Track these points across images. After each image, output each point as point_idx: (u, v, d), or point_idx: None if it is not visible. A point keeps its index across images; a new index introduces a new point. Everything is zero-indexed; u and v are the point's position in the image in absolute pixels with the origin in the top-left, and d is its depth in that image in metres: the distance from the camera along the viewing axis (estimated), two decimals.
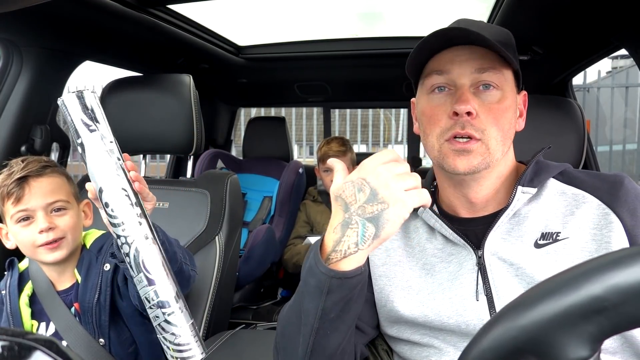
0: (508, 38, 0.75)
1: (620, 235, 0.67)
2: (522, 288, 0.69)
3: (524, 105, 0.79)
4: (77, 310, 1.05)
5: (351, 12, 1.76)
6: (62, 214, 1.01)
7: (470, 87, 0.70)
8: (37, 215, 0.98)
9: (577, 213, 0.71)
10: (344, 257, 0.60)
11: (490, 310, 0.70)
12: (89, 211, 1.11)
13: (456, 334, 0.73)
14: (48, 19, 1.24)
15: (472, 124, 0.69)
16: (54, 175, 1.02)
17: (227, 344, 1.17)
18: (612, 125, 5.63)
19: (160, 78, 1.42)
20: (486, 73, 0.70)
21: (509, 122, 0.72)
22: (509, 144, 0.74)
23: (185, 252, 1.09)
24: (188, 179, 1.50)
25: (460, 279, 0.73)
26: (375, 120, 7.36)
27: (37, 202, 0.98)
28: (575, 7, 1.17)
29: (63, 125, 1.64)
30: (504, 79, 0.71)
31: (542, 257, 0.69)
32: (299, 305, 0.65)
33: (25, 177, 0.98)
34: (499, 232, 0.73)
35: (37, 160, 1.03)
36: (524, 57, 1.57)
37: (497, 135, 0.70)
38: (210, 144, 2.70)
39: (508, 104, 0.71)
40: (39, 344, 0.33)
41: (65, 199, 1.02)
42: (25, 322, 1.05)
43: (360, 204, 0.60)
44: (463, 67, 0.71)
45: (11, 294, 1.06)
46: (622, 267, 0.32)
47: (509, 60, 0.69)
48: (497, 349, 0.36)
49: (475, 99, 0.70)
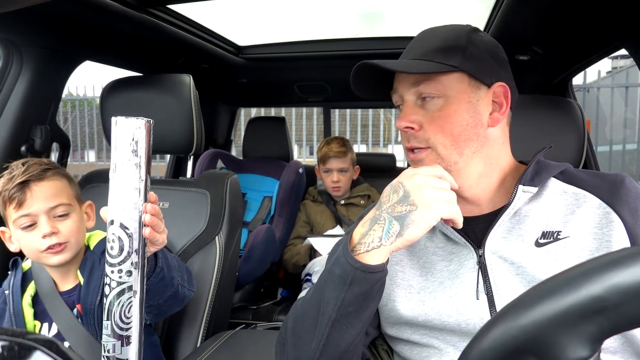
0: (458, 39, 0.73)
1: (621, 234, 0.67)
2: (522, 287, 0.69)
3: (504, 97, 0.75)
4: (79, 311, 1.04)
5: (351, 12, 1.76)
6: (64, 218, 1.01)
7: (417, 100, 0.74)
8: (39, 219, 0.98)
9: (577, 212, 0.71)
10: (367, 250, 0.65)
11: (491, 309, 0.71)
12: (91, 213, 1.11)
13: (456, 333, 0.73)
14: (48, 19, 1.24)
15: (416, 136, 0.74)
16: (55, 179, 1.02)
17: (227, 344, 1.17)
18: (612, 125, 5.63)
19: (160, 78, 1.42)
20: (422, 85, 0.73)
21: (459, 125, 0.72)
22: (473, 145, 0.73)
23: (184, 270, 1.08)
24: (188, 179, 1.51)
25: (460, 277, 0.74)
26: (375, 120, 7.37)
27: (39, 206, 0.97)
28: (576, 7, 1.17)
29: (63, 125, 1.64)
30: (442, 86, 0.72)
31: (543, 256, 0.70)
32: (319, 296, 0.68)
33: (27, 181, 0.97)
34: (500, 230, 0.73)
35: (38, 162, 1.02)
36: (524, 57, 1.57)
37: (444, 141, 0.72)
38: (210, 144, 2.70)
39: (453, 108, 0.72)
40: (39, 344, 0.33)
41: (68, 202, 1.02)
42: (27, 323, 1.04)
43: (392, 203, 0.66)
44: (403, 84, 0.75)
45: (14, 294, 1.06)
46: (622, 267, 0.32)
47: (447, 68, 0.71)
48: (498, 348, 0.36)
49: (421, 110, 0.74)
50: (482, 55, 0.73)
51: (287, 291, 2.35)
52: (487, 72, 0.74)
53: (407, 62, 0.74)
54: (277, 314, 1.96)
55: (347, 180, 2.23)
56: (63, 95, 1.58)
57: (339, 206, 2.25)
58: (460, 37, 0.74)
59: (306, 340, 0.68)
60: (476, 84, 0.73)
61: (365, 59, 0.72)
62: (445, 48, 0.72)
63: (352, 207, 2.24)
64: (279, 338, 0.75)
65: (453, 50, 0.72)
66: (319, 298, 0.68)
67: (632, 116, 5.68)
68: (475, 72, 0.72)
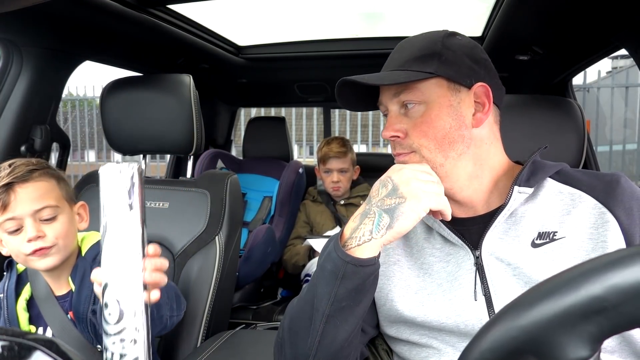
0: (430, 46, 0.74)
1: (617, 234, 0.68)
2: (519, 288, 0.70)
3: (485, 96, 0.75)
4: (72, 318, 1.02)
5: (351, 12, 1.76)
6: (51, 221, 0.96)
7: (400, 109, 0.76)
8: (25, 222, 0.94)
9: (573, 212, 0.71)
10: (358, 244, 0.65)
11: (489, 310, 0.71)
12: (84, 213, 1.06)
13: (455, 334, 0.73)
14: (48, 19, 1.24)
15: (401, 144, 0.76)
16: (42, 179, 0.97)
17: (227, 344, 1.17)
18: (612, 125, 5.63)
19: (160, 78, 1.42)
20: (402, 94, 0.75)
21: (442, 129, 0.73)
22: (458, 147, 0.73)
23: (173, 298, 1.02)
24: (188, 179, 1.50)
25: (459, 279, 0.74)
26: (375, 120, 7.36)
27: (24, 209, 0.93)
28: (576, 7, 1.17)
29: (63, 125, 1.64)
30: (421, 93, 0.73)
31: (539, 256, 0.70)
32: (313, 293, 0.68)
33: (11, 183, 0.93)
34: (496, 232, 0.74)
35: (24, 163, 0.97)
36: (524, 57, 1.57)
37: (428, 144, 0.73)
38: (210, 144, 2.70)
39: (435, 113, 0.73)
40: (39, 344, 0.33)
41: (55, 204, 0.97)
42: (22, 328, 1.02)
43: (381, 197, 0.67)
44: (386, 94, 0.77)
45: (9, 297, 1.03)
46: (621, 267, 0.32)
47: (424, 75, 0.72)
48: (497, 349, 0.36)
49: (405, 118, 0.75)
50: (459, 58, 0.74)
51: (287, 291, 2.35)
52: (465, 74, 0.74)
53: (384, 75, 0.76)
54: (277, 314, 1.96)
55: (347, 181, 2.23)
56: (63, 95, 1.58)
57: (339, 206, 2.26)
58: (435, 43, 0.75)
59: (302, 337, 0.69)
60: (455, 86, 0.74)
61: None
62: (420, 56, 0.74)
63: (352, 207, 2.24)
64: (277, 339, 0.75)
65: (428, 57, 0.73)
66: (313, 295, 0.68)
67: (632, 116, 5.68)
68: (452, 75, 0.73)
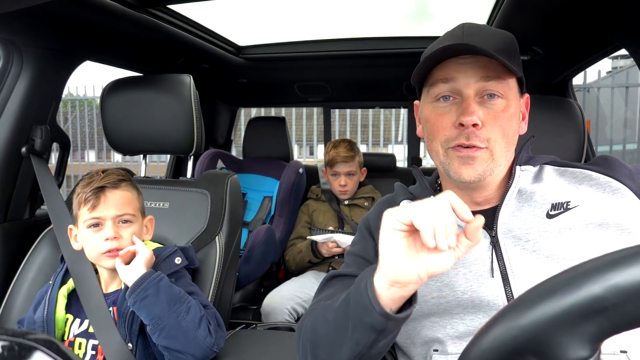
0: (512, 44, 0.74)
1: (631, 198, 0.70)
2: (540, 263, 0.69)
3: (526, 108, 0.79)
4: (114, 314, 1.08)
5: (351, 12, 1.76)
6: (127, 226, 1.09)
7: (475, 96, 0.71)
8: (106, 224, 1.06)
9: (582, 185, 0.73)
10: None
11: (505, 286, 0.70)
12: (150, 227, 1.18)
13: (468, 309, 0.72)
14: (48, 19, 1.24)
15: (477, 134, 0.69)
16: (127, 190, 1.11)
17: (227, 344, 1.17)
18: (612, 125, 5.63)
19: (160, 78, 1.42)
20: (491, 82, 0.70)
21: (513, 128, 0.73)
22: (513, 149, 0.75)
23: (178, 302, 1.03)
24: (188, 179, 1.50)
25: (475, 256, 0.74)
26: (375, 120, 7.35)
27: (109, 212, 1.06)
28: (576, 8, 1.17)
29: (63, 125, 1.64)
30: (508, 87, 0.71)
31: (556, 226, 0.70)
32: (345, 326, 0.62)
33: (103, 187, 1.07)
34: (509, 209, 0.74)
35: (115, 173, 1.12)
36: (524, 57, 1.57)
37: (501, 142, 0.71)
38: (210, 144, 2.70)
39: (512, 111, 0.72)
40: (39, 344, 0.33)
41: (133, 213, 1.10)
42: (58, 311, 1.10)
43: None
44: (468, 75, 0.70)
45: (55, 284, 1.14)
46: (622, 267, 0.32)
47: (513, 70, 0.69)
48: (498, 349, 0.36)
49: (481, 107, 0.70)
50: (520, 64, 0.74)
51: None
52: (524, 82, 0.75)
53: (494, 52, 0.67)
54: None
55: (354, 184, 2.22)
56: (63, 95, 1.58)
57: (343, 206, 2.25)
58: (512, 41, 0.74)
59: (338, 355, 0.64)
60: (519, 90, 0.75)
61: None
62: (505, 49, 0.70)
63: (356, 208, 2.24)
64: (306, 342, 0.69)
65: (512, 53, 0.72)
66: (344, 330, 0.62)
67: (632, 116, 5.67)
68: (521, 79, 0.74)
